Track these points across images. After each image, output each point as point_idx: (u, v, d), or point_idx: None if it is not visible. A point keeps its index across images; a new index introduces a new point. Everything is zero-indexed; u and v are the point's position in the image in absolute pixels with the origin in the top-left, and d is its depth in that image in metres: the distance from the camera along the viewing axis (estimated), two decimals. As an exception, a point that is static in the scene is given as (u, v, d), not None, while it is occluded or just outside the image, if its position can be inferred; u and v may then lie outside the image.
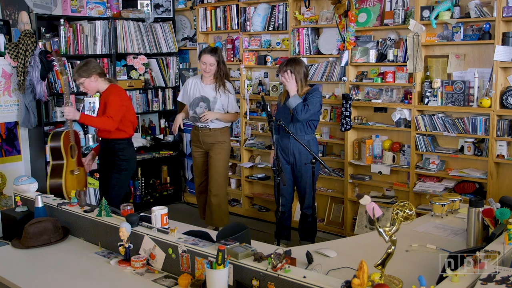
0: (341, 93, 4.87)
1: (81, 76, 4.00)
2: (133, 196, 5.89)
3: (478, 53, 4.21)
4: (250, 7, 5.48)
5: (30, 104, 4.92)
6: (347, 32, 4.70)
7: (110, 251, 2.74)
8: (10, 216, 3.16)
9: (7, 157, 5.04)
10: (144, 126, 6.14)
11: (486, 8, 4.00)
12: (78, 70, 4.03)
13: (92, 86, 4.07)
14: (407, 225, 2.38)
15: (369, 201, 2.14)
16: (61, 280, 2.44)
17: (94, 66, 4.05)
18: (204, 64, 4.51)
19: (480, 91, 4.11)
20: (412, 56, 4.33)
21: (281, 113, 4.29)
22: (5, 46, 4.90)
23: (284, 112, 4.24)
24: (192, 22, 6.24)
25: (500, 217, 2.49)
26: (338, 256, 2.61)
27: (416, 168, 4.48)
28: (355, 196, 4.79)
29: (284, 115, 4.21)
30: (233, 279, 2.15)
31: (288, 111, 4.19)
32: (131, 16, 5.69)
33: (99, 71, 4.08)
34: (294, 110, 4.08)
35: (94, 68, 4.04)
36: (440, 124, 4.27)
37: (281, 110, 4.32)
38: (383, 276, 2.05)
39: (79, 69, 4.02)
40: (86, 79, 4.01)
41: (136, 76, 5.77)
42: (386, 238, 2.09)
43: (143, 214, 2.89)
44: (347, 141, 4.86)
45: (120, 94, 4.10)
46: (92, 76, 4.02)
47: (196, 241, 2.38)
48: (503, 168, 4.13)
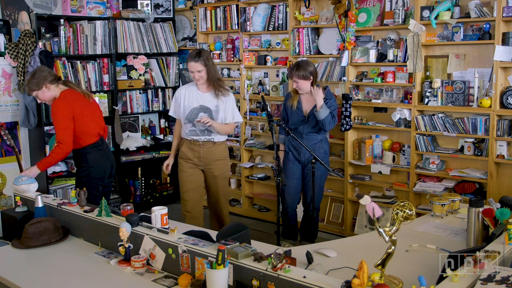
0: (341, 93, 4.87)
1: (32, 90, 3.77)
2: (133, 196, 5.90)
3: (478, 53, 4.21)
4: (250, 7, 5.48)
5: (30, 104, 4.92)
6: (347, 32, 4.70)
7: (110, 251, 2.74)
8: (10, 216, 3.16)
9: (7, 157, 5.04)
10: (144, 126, 6.14)
11: (486, 8, 4.00)
12: (28, 84, 3.79)
13: (47, 96, 3.81)
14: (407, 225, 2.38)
15: (369, 201, 2.14)
16: (61, 280, 2.44)
17: (43, 76, 3.75)
18: (192, 72, 3.92)
19: (480, 91, 4.11)
20: (412, 56, 4.33)
21: (294, 117, 4.24)
22: (5, 46, 4.90)
23: (298, 115, 4.22)
24: (192, 22, 6.24)
25: (500, 217, 2.49)
26: (338, 256, 2.61)
27: (416, 168, 4.48)
28: (355, 196, 4.79)
29: (298, 119, 4.21)
30: (233, 279, 2.15)
31: (302, 115, 4.18)
32: (131, 16, 5.69)
33: (50, 79, 3.78)
34: (322, 121, 4.05)
35: (44, 77, 3.75)
36: (440, 124, 4.27)
37: (293, 114, 4.25)
38: (383, 276, 2.05)
39: (29, 83, 3.77)
40: (38, 91, 3.77)
41: (136, 76, 5.77)
42: (386, 238, 2.09)
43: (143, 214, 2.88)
44: (347, 141, 4.86)
45: (62, 107, 3.75)
46: (43, 87, 3.75)
47: (196, 241, 2.38)
48: (503, 168, 4.13)
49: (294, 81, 4.15)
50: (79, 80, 5.30)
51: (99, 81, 5.47)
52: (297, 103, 4.24)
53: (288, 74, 4.37)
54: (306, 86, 4.14)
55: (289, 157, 4.30)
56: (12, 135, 5.07)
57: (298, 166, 4.28)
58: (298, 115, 4.22)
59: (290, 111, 4.28)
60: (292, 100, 4.28)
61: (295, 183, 4.29)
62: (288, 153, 4.31)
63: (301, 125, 4.21)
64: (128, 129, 5.88)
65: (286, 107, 4.34)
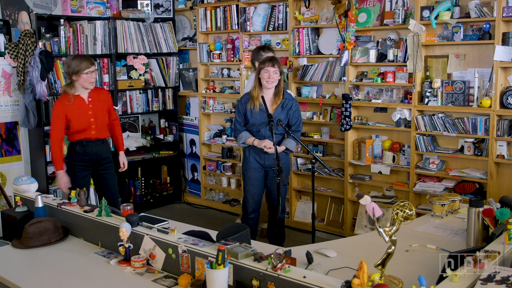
0: (341, 93, 4.87)
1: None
2: (133, 196, 5.90)
3: (478, 53, 4.21)
4: (250, 7, 5.48)
5: (30, 104, 4.92)
6: (347, 32, 4.70)
7: (110, 251, 2.74)
8: (10, 216, 3.15)
9: (7, 157, 5.04)
10: (144, 126, 6.15)
11: (486, 8, 4.00)
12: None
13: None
14: (407, 225, 2.38)
15: (369, 201, 2.14)
16: (61, 280, 2.44)
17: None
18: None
19: (480, 91, 4.11)
20: (412, 56, 4.33)
21: (256, 118, 3.94)
22: (5, 46, 4.90)
23: (262, 117, 3.91)
24: (192, 22, 6.24)
25: (500, 217, 2.49)
26: (338, 256, 2.61)
27: (416, 168, 4.48)
28: (355, 196, 4.79)
29: (262, 121, 3.93)
30: (233, 279, 2.15)
31: (264, 117, 3.88)
32: (131, 16, 5.69)
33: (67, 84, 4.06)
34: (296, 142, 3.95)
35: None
36: (440, 124, 4.27)
37: (256, 115, 3.95)
38: (383, 276, 2.05)
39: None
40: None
41: (136, 76, 5.77)
42: (386, 238, 2.09)
43: (143, 214, 2.89)
44: (347, 141, 4.86)
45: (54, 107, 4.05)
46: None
47: (196, 241, 2.38)
48: (503, 168, 4.13)
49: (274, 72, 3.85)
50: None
51: (99, 81, 5.46)
52: (259, 104, 3.92)
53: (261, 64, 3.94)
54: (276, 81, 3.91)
55: (251, 162, 4.05)
56: (12, 135, 5.08)
57: (261, 172, 4.07)
58: (262, 116, 3.91)
59: (251, 113, 3.96)
60: (254, 101, 3.94)
61: (258, 189, 4.10)
62: (248, 158, 4.06)
63: (264, 127, 3.95)
64: (128, 129, 5.88)
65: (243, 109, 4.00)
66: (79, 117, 3.98)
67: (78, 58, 3.94)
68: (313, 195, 3.87)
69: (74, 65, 3.88)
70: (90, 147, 4.06)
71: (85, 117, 4.01)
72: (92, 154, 4.07)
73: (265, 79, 3.86)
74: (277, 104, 3.95)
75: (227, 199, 6.01)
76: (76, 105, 3.97)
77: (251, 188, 4.08)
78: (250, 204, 4.11)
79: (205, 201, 6.15)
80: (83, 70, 3.88)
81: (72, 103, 3.94)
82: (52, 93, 5.10)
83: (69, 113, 3.94)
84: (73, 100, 3.95)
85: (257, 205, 4.14)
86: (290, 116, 3.99)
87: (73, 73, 3.89)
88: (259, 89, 3.93)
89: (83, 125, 4.00)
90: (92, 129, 4.04)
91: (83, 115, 4.00)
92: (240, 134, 4.03)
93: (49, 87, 5.07)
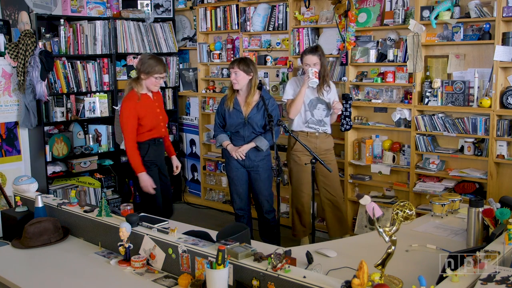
0: (341, 93, 4.87)
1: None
2: (133, 196, 5.89)
3: (478, 53, 4.21)
4: (250, 7, 5.48)
5: (30, 104, 4.92)
6: (347, 32, 4.70)
7: (110, 251, 2.74)
8: (10, 216, 3.16)
9: (7, 157, 5.04)
10: (144, 126, 6.14)
11: (486, 8, 4.00)
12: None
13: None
14: (407, 225, 2.38)
15: (369, 201, 2.14)
16: (61, 280, 2.44)
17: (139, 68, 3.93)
18: (307, 65, 4.20)
19: (480, 91, 4.11)
20: (412, 56, 4.33)
21: (232, 119, 4.04)
22: (5, 46, 4.90)
23: (236, 117, 4.03)
24: (192, 22, 6.24)
25: (500, 217, 2.49)
26: (338, 256, 2.61)
27: (416, 168, 4.48)
28: (355, 196, 4.79)
29: (237, 121, 4.02)
30: (233, 279, 2.15)
31: (241, 116, 3.99)
32: (131, 16, 5.69)
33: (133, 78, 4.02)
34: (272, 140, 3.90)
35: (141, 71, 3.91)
36: (440, 124, 4.27)
37: (231, 116, 4.05)
38: (383, 276, 2.05)
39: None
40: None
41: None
42: (386, 238, 2.09)
43: (143, 214, 2.89)
44: (347, 141, 4.86)
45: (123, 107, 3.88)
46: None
47: (196, 241, 2.38)
48: (503, 168, 4.13)
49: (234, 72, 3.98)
50: (79, 80, 5.31)
51: (99, 81, 5.47)
52: (233, 104, 4.04)
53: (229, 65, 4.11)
54: (244, 82, 4.01)
55: (232, 163, 4.14)
56: (12, 135, 5.08)
57: (243, 172, 4.14)
58: (237, 117, 4.02)
59: (228, 114, 4.06)
60: (228, 101, 4.07)
61: (243, 188, 4.18)
62: (230, 158, 4.14)
63: (241, 128, 4.04)
64: (128, 129, 5.87)
65: (221, 111, 4.13)
66: (150, 114, 3.93)
67: (154, 60, 3.88)
68: (313, 195, 3.87)
69: (148, 65, 3.85)
70: (161, 145, 4.07)
71: (155, 114, 3.98)
72: (161, 154, 4.09)
73: (232, 80, 4.02)
74: (251, 105, 4.01)
75: (227, 199, 6.01)
76: (144, 102, 3.91)
77: (236, 188, 4.19)
78: (236, 203, 4.23)
79: (205, 201, 6.15)
80: (154, 73, 3.85)
81: (141, 101, 3.89)
82: (52, 93, 5.11)
83: (140, 111, 3.86)
84: (140, 98, 3.90)
85: (243, 204, 4.25)
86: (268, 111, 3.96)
87: (144, 72, 3.86)
88: (233, 89, 4.07)
89: (154, 122, 3.96)
90: (162, 126, 4.03)
91: (152, 112, 3.96)
92: (216, 137, 4.17)
93: (49, 87, 5.07)
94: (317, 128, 4.29)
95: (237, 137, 4.07)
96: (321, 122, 4.31)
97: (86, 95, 5.39)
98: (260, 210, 4.24)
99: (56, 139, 5.17)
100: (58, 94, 5.17)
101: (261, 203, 4.20)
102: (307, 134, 4.27)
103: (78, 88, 5.31)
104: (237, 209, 4.24)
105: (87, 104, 5.36)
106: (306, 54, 4.23)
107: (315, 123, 4.28)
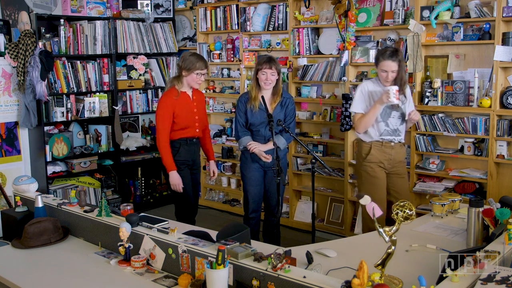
0: (341, 93, 4.87)
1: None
2: (133, 196, 5.90)
3: (478, 53, 4.21)
4: (250, 7, 5.48)
5: (30, 104, 4.92)
6: (347, 32, 4.70)
7: (110, 251, 2.74)
8: (10, 216, 3.15)
9: (7, 157, 5.04)
10: (144, 126, 6.14)
11: (486, 8, 4.00)
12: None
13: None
14: (407, 225, 2.38)
15: (369, 201, 2.14)
16: (61, 280, 2.44)
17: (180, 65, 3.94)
18: (384, 72, 3.66)
19: (480, 91, 4.11)
20: (412, 56, 4.33)
21: (256, 118, 3.93)
22: (5, 46, 4.90)
23: (261, 117, 3.91)
24: (192, 22, 6.24)
25: (500, 217, 2.49)
26: (338, 256, 2.61)
27: (416, 168, 4.48)
28: (355, 196, 4.79)
29: (261, 120, 3.92)
30: (233, 279, 2.15)
31: (264, 117, 3.87)
32: (131, 16, 5.69)
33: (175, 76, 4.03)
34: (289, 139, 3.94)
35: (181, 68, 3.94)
36: (440, 124, 4.27)
37: (255, 115, 3.93)
38: (383, 276, 2.05)
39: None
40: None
41: (136, 76, 5.77)
42: (386, 238, 2.09)
43: (143, 214, 2.89)
44: (347, 141, 4.86)
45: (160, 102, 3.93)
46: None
47: (196, 241, 2.38)
48: (503, 168, 4.13)
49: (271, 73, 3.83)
50: (79, 80, 5.31)
51: (99, 81, 5.47)
52: (259, 103, 3.91)
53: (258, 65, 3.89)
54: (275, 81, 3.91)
55: (250, 162, 4.01)
56: (12, 135, 5.08)
57: (261, 172, 4.03)
58: (261, 116, 3.90)
59: (251, 113, 3.94)
60: (253, 101, 3.93)
61: (258, 189, 4.06)
62: (248, 158, 4.01)
63: (264, 127, 3.94)
64: (128, 129, 5.89)
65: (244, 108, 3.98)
66: (185, 113, 3.92)
67: (195, 57, 3.91)
68: (313, 195, 3.87)
69: (189, 62, 3.85)
70: (193, 145, 4.04)
71: (191, 113, 3.97)
72: (194, 153, 4.06)
73: (263, 80, 3.85)
74: (276, 103, 3.94)
75: (227, 199, 6.01)
76: (182, 100, 3.92)
77: (251, 188, 4.04)
78: (250, 205, 4.08)
79: (205, 201, 6.14)
80: (195, 70, 3.85)
81: (179, 98, 3.90)
82: (52, 93, 5.11)
83: (176, 108, 3.87)
84: (179, 95, 3.91)
85: (257, 205, 4.10)
86: (286, 114, 3.97)
87: (186, 68, 3.86)
88: (257, 89, 3.92)
89: (188, 121, 3.95)
90: (196, 127, 4.01)
91: (189, 111, 3.95)
92: (240, 140, 4.01)
93: (49, 87, 5.07)
94: (392, 138, 3.79)
95: (258, 136, 3.97)
96: (396, 131, 3.79)
97: (86, 95, 5.39)
98: (269, 210, 4.16)
99: (56, 139, 5.17)
100: (58, 94, 5.17)
101: (271, 203, 4.11)
102: (381, 144, 3.78)
103: (78, 88, 5.31)
104: (251, 212, 4.08)
105: (87, 104, 5.37)
106: (385, 58, 3.62)
107: (390, 133, 3.78)
